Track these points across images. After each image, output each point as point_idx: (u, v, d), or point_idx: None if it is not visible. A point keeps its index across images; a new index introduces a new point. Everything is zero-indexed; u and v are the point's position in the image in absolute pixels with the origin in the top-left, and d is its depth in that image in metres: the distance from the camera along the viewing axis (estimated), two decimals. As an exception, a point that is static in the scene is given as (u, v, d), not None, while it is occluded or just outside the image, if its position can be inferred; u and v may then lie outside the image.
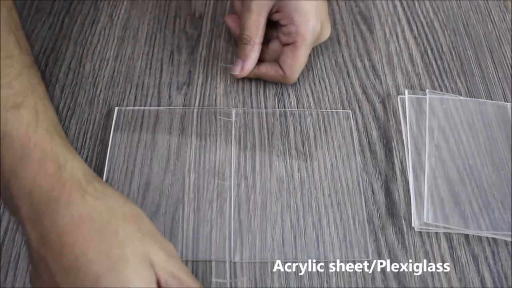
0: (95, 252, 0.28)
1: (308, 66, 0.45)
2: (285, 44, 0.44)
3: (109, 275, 0.28)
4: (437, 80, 0.48)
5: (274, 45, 0.45)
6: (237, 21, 0.46)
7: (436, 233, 0.39)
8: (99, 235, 0.29)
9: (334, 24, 0.51)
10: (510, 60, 0.50)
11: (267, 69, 0.45)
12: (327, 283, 0.36)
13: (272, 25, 0.44)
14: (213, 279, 0.36)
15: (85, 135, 0.43)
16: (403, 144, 0.44)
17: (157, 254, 0.30)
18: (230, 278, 0.36)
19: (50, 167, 0.30)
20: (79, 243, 0.29)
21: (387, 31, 0.52)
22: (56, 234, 0.29)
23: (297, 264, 0.37)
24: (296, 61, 0.43)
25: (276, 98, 0.46)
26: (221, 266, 0.37)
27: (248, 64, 0.44)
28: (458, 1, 0.56)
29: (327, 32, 0.44)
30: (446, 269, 0.38)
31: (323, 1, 0.44)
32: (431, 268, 0.38)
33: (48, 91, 0.44)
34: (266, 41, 0.45)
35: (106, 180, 0.40)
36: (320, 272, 0.37)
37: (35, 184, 0.29)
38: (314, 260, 0.37)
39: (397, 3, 0.54)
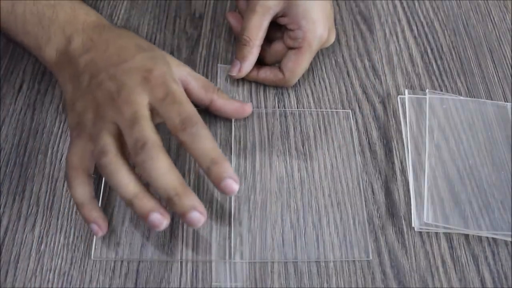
0: (132, 44, 0.38)
1: (308, 66, 0.45)
2: (289, 47, 0.43)
3: (139, 54, 0.37)
4: (437, 80, 0.48)
5: (277, 46, 0.45)
6: (239, 20, 0.46)
7: (436, 233, 0.39)
8: (135, 39, 0.40)
9: (334, 24, 0.51)
10: (510, 60, 0.50)
11: (266, 74, 0.45)
12: (327, 283, 0.37)
13: (277, 26, 0.44)
14: (213, 284, 0.36)
15: (85, 135, 0.43)
16: (403, 144, 0.44)
17: (178, 61, 0.41)
18: (230, 281, 0.36)
19: (94, 15, 0.41)
20: (120, 41, 0.39)
21: (387, 31, 0.52)
22: (103, 41, 0.39)
23: (297, 264, 0.37)
24: (298, 66, 0.43)
25: (276, 98, 0.46)
26: (221, 266, 0.37)
27: (246, 66, 0.44)
28: (458, 1, 0.56)
29: (332, 38, 0.45)
30: (446, 269, 0.38)
31: (330, 8, 0.44)
32: (431, 268, 0.38)
33: (48, 91, 0.45)
34: (269, 41, 0.45)
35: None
36: (320, 272, 0.37)
37: (85, 23, 0.40)
38: (314, 260, 0.37)
39: (397, 3, 0.55)
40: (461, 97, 0.47)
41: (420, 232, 0.39)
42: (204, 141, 0.34)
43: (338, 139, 0.43)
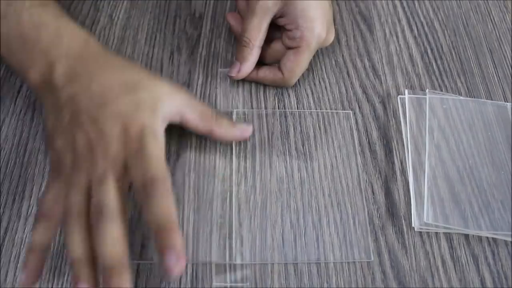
0: (117, 83, 0.36)
1: (308, 66, 0.45)
2: (288, 47, 0.43)
3: (123, 97, 0.35)
4: (437, 80, 0.48)
5: (277, 45, 0.45)
6: (239, 20, 0.46)
7: (436, 233, 0.39)
8: (121, 71, 0.37)
9: (334, 24, 0.51)
10: (510, 60, 0.50)
11: (265, 74, 0.45)
12: (327, 283, 0.37)
13: (276, 26, 0.44)
14: (213, 284, 0.36)
15: (85, 135, 0.43)
16: (403, 144, 0.44)
17: (171, 89, 0.38)
18: (230, 281, 0.36)
19: (80, 38, 0.39)
20: (106, 76, 0.37)
21: (387, 31, 0.52)
22: (87, 74, 0.36)
23: (297, 264, 0.37)
24: (297, 65, 0.43)
25: (276, 98, 0.46)
26: (221, 267, 0.37)
27: (246, 67, 0.44)
28: (458, 1, 0.56)
29: (331, 37, 0.44)
30: (446, 269, 0.38)
31: (329, 7, 0.44)
32: (431, 268, 0.38)
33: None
34: (268, 41, 0.45)
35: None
36: (320, 272, 0.37)
37: (70, 48, 0.37)
38: (314, 260, 0.37)
39: (397, 3, 0.55)
40: (461, 97, 0.47)
41: (420, 232, 0.39)
42: (159, 202, 0.32)
43: (338, 139, 0.43)
